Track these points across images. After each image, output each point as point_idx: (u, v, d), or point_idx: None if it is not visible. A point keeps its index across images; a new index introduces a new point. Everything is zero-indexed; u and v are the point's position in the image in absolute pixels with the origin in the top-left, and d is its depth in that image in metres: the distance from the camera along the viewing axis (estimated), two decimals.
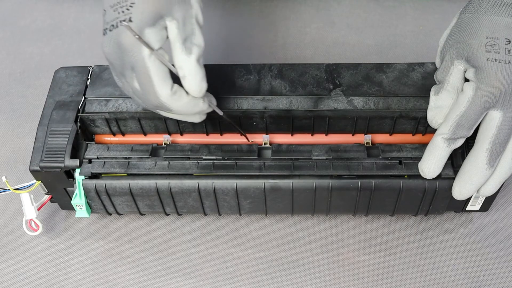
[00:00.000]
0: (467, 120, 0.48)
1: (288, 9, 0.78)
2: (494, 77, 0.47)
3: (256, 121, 0.57)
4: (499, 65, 0.48)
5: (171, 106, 0.48)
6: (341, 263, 0.57)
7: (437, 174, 0.51)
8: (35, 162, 0.55)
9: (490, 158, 0.49)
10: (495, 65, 0.48)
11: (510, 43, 0.48)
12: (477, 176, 0.50)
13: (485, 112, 0.48)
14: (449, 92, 0.51)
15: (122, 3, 0.47)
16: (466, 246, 0.57)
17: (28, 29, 0.78)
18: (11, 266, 0.58)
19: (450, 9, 0.77)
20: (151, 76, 0.46)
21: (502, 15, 0.49)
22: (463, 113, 0.48)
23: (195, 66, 0.48)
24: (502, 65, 0.48)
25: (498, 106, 0.48)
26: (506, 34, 0.48)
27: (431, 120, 0.52)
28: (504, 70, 0.47)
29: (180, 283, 0.56)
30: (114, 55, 0.48)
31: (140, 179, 0.54)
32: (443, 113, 0.51)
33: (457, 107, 0.49)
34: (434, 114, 0.52)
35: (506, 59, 0.48)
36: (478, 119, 0.49)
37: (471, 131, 0.49)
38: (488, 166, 0.49)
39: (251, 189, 0.54)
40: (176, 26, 0.48)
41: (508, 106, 0.48)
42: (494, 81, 0.47)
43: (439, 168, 0.51)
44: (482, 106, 0.48)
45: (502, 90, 0.47)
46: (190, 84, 0.48)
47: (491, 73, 0.48)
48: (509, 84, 0.47)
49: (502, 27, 0.48)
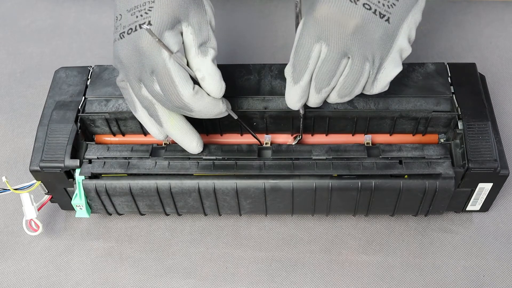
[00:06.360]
0: (300, 54, 0.48)
1: (288, 9, 0.78)
2: (317, 7, 0.47)
3: (256, 121, 0.57)
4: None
5: (193, 107, 0.48)
6: (341, 263, 0.57)
7: (299, 106, 0.51)
8: (35, 162, 0.55)
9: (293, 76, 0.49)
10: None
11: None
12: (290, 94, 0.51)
13: (317, 45, 0.47)
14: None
15: (140, 7, 0.47)
16: (466, 246, 0.57)
17: (28, 29, 0.78)
18: (11, 266, 0.58)
19: (450, 9, 0.77)
20: (173, 77, 0.47)
21: None
22: (296, 46, 0.48)
23: (212, 66, 0.49)
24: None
25: (324, 39, 0.47)
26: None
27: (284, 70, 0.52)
28: (329, 0, 0.46)
29: (180, 283, 0.57)
30: (132, 59, 0.48)
31: (140, 179, 0.54)
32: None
33: (294, 43, 0.49)
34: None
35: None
36: (310, 52, 0.48)
37: (307, 65, 0.48)
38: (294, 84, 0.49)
39: (251, 189, 0.54)
40: (192, 32, 0.49)
41: (332, 40, 0.47)
42: (317, 10, 0.47)
43: (298, 101, 0.51)
44: (310, 36, 0.47)
45: (323, 20, 0.46)
46: (209, 85, 0.48)
47: (317, 2, 0.47)
48: (331, 13, 0.46)
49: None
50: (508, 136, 0.64)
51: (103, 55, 0.75)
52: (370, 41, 0.47)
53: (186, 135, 0.52)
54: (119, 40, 0.48)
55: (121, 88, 0.52)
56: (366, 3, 0.46)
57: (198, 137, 0.53)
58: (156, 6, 0.47)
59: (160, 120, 0.51)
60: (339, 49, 0.47)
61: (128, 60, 0.48)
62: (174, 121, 0.51)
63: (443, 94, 0.56)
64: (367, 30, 0.46)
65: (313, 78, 0.49)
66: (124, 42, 0.48)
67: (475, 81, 0.57)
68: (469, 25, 0.75)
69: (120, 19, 0.49)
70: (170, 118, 0.51)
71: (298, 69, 0.48)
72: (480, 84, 0.57)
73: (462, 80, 0.57)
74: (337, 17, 0.46)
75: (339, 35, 0.47)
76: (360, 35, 0.46)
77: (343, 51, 0.47)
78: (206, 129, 0.58)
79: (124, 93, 0.52)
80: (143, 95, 0.50)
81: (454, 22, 0.75)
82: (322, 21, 0.47)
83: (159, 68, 0.47)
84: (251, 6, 0.79)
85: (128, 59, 0.48)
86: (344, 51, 0.47)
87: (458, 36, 0.74)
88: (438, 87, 0.56)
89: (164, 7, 0.47)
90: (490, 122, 0.54)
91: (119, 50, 0.48)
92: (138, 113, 0.52)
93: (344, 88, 0.49)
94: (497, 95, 0.67)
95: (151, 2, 0.47)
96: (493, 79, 0.69)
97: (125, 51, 0.48)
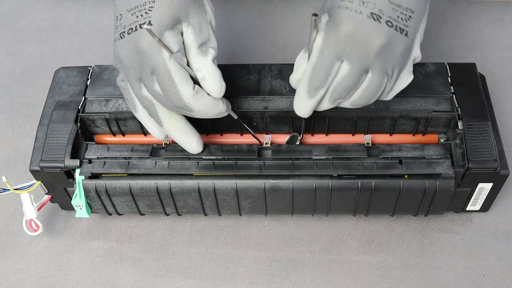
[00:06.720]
0: (319, 71, 0.46)
1: (288, 9, 0.78)
2: (340, 24, 0.45)
3: (256, 121, 0.57)
4: (348, 13, 0.44)
5: (193, 106, 0.48)
6: (341, 263, 0.57)
7: (309, 114, 0.50)
8: (35, 162, 0.55)
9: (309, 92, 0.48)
10: (344, 12, 0.45)
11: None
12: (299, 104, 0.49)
13: (337, 63, 0.46)
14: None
15: (141, 7, 0.47)
16: (466, 246, 0.57)
17: (28, 29, 0.78)
18: (11, 266, 0.58)
19: (450, 9, 0.77)
20: (173, 77, 0.47)
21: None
22: (315, 64, 0.46)
23: (212, 66, 0.49)
24: (351, 13, 0.44)
25: (346, 57, 0.46)
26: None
27: (290, 79, 0.51)
28: (351, 18, 0.44)
29: (180, 283, 0.57)
30: (132, 59, 0.48)
31: (140, 179, 0.54)
32: (301, 70, 0.50)
33: (310, 59, 0.47)
34: (294, 70, 0.50)
35: (358, 9, 0.45)
36: (330, 70, 0.46)
37: (326, 81, 0.47)
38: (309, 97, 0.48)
39: (251, 189, 0.54)
40: (192, 32, 0.49)
41: (355, 59, 0.45)
42: (339, 28, 0.45)
43: (310, 111, 0.50)
44: (330, 55, 0.46)
45: (346, 38, 0.45)
46: (210, 85, 0.48)
47: (338, 20, 0.45)
48: (355, 32, 0.45)
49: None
50: (508, 136, 0.64)
51: (103, 55, 0.75)
52: (392, 57, 0.46)
53: (186, 135, 0.52)
54: (119, 40, 0.48)
55: (121, 88, 0.52)
56: (389, 20, 0.45)
57: (198, 137, 0.53)
58: (156, 6, 0.47)
59: (160, 120, 0.51)
60: (362, 67, 0.46)
61: (128, 60, 0.48)
62: (174, 121, 0.51)
63: (443, 94, 0.56)
64: (390, 47, 0.46)
65: (329, 91, 0.48)
66: (124, 42, 0.48)
67: (475, 81, 0.57)
68: (469, 25, 0.75)
69: (120, 19, 0.49)
70: (170, 118, 0.51)
71: (315, 85, 0.47)
72: (480, 84, 0.57)
73: (462, 80, 0.57)
74: (361, 36, 0.45)
75: (363, 54, 0.45)
76: (384, 53, 0.46)
77: (365, 68, 0.46)
78: (206, 129, 0.58)
79: (124, 93, 0.52)
80: (143, 95, 0.50)
81: (454, 22, 0.75)
82: (345, 40, 0.45)
83: (159, 68, 0.47)
84: (251, 6, 0.79)
85: (128, 59, 0.48)
86: (366, 68, 0.46)
87: (458, 36, 0.74)
88: (438, 87, 0.56)
89: (165, 7, 0.47)
90: (490, 122, 0.54)
91: (119, 50, 0.48)
92: (138, 113, 0.52)
93: (360, 99, 0.48)
94: (497, 95, 0.67)
95: (152, 2, 0.47)
96: (493, 79, 0.69)
97: (125, 51, 0.48)
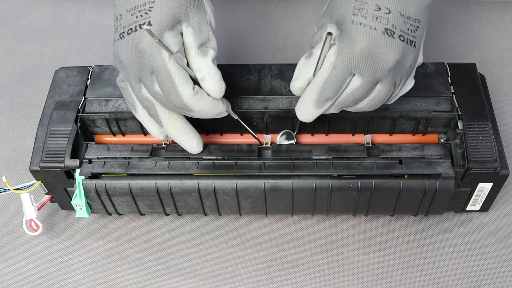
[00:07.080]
0: (331, 85, 0.47)
1: (288, 9, 0.78)
2: (355, 41, 0.45)
3: (256, 121, 0.57)
4: (363, 29, 0.45)
5: (193, 107, 0.48)
6: (341, 263, 0.57)
7: (312, 120, 0.50)
8: (35, 162, 0.55)
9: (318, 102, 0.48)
10: (358, 29, 0.45)
11: (380, 10, 0.45)
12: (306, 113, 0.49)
13: (349, 77, 0.46)
14: (317, 57, 0.48)
15: (140, 8, 0.47)
16: (466, 246, 0.57)
17: (28, 29, 0.78)
18: (11, 266, 0.58)
19: (450, 9, 0.77)
20: (173, 77, 0.47)
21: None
22: (326, 79, 0.47)
23: (212, 66, 0.49)
24: (365, 29, 0.45)
25: (359, 72, 0.46)
26: (376, 0, 0.46)
27: (292, 86, 0.51)
28: (366, 35, 0.45)
29: (180, 283, 0.57)
30: (132, 59, 0.48)
31: (140, 179, 0.54)
32: (305, 78, 0.49)
33: (321, 73, 0.47)
34: (296, 76, 0.50)
35: (372, 25, 0.45)
36: (342, 84, 0.47)
37: (337, 95, 0.47)
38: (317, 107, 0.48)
39: (251, 189, 0.54)
40: (192, 32, 0.49)
41: (369, 74, 0.46)
42: (354, 45, 0.45)
43: (314, 118, 0.50)
44: (343, 71, 0.46)
45: (361, 55, 0.45)
46: (209, 85, 0.48)
47: (353, 36, 0.45)
48: (370, 50, 0.45)
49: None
50: (508, 136, 0.64)
51: (103, 55, 0.75)
52: (402, 69, 0.47)
53: (186, 135, 0.52)
54: (119, 40, 0.48)
55: (121, 88, 0.52)
56: (401, 34, 0.45)
57: (198, 137, 0.53)
58: (156, 6, 0.47)
59: (160, 120, 0.51)
60: (373, 81, 0.46)
61: (128, 60, 0.48)
62: (174, 121, 0.51)
63: (443, 94, 0.56)
64: (402, 61, 0.46)
65: (337, 101, 0.48)
66: (124, 42, 0.48)
67: (475, 81, 0.57)
68: (469, 25, 0.75)
69: (120, 19, 0.49)
70: (170, 118, 0.51)
71: (324, 98, 0.47)
72: (480, 84, 0.57)
73: (462, 80, 0.57)
74: (376, 53, 0.45)
75: (377, 70, 0.46)
76: (397, 67, 0.46)
77: (377, 81, 0.47)
78: (206, 129, 0.58)
79: (124, 93, 0.52)
80: (143, 95, 0.50)
81: (454, 22, 0.75)
82: (360, 56, 0.45)
83: (159, 69, 0.47)
84: (251, 6, 0.79)
85: (128, 59, 0.48)
86: (377, 81, 0.47)
87: (458, 36, 0.74)
88: (438, 87, 0.56)
89: (164, 7, 0.47)
90: (490, 122, 0.54)
91: (119, 50, 0.48)
92: (138, 113, 0.52)
93: (366, 107, 0.49)
94: (497, 95, 0.67)
95: (151, 3, 0.47)
96: (493, 79, 0.69)
97: (125, 51, 0.48)
